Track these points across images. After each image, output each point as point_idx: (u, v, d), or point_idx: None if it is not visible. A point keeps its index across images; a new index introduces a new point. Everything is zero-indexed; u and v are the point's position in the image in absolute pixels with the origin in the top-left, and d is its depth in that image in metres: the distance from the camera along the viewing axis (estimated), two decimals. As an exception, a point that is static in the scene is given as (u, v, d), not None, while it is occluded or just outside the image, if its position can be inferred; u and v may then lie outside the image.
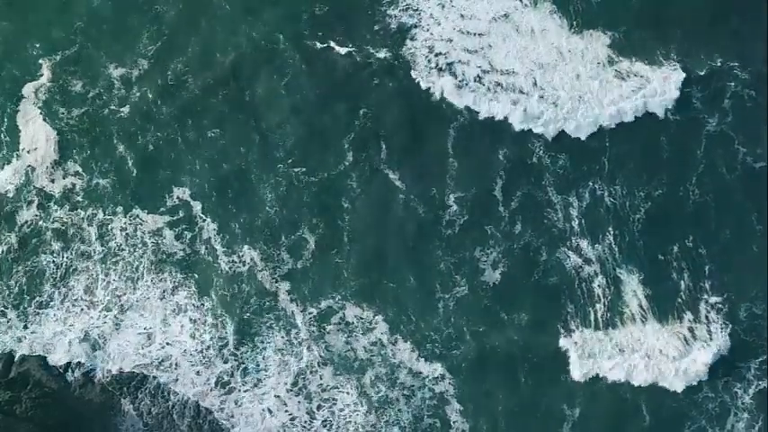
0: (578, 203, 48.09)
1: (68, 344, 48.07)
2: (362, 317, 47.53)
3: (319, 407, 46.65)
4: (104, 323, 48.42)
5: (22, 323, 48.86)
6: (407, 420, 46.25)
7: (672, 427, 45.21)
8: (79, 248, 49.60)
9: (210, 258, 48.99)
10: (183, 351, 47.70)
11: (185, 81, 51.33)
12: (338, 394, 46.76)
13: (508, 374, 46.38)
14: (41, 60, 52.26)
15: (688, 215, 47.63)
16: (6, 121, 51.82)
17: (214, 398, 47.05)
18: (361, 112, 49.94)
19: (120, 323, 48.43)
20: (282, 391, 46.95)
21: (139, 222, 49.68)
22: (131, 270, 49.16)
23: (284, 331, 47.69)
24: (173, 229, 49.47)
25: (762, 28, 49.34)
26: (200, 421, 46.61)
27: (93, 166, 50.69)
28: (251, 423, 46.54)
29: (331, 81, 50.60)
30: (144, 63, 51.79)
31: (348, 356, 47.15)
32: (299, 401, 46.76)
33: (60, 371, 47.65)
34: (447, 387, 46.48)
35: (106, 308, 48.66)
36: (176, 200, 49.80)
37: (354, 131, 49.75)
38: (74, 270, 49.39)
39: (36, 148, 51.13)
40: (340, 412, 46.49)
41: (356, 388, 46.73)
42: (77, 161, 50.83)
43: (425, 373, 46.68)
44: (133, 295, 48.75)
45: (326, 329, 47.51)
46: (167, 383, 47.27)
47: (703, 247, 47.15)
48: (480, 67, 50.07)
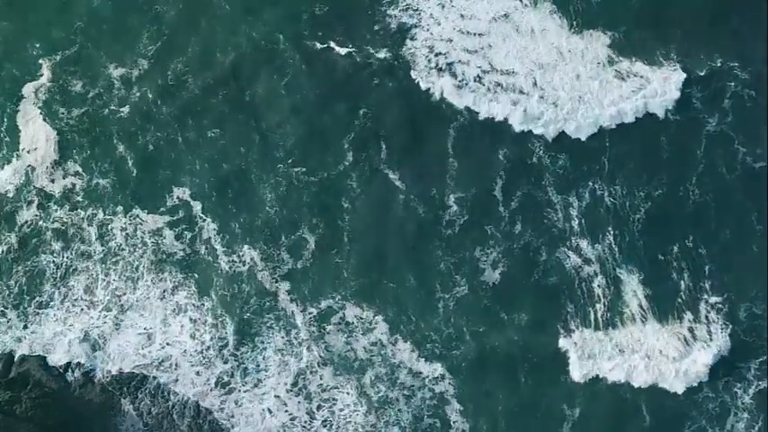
0: (578, 203, 48.08)
1: (68, 344, 48.05)
2: (362, 317, 47.51)
3: (319, 407, 46.64)
4: (104, 323, 48.41)
5: (22, 323, 48.85)
6: (407, 420, 46.23)
7: (672, 427, 45.18)
8: (79, 248, 49.58)
9: (210, 258, 48.98)
10: (183, 351, 47.68)
11: (185, 81, 51.32)
12: (338, 394, 46.75)
13: (508, 375, 46.36)
14: (41, 60, 52.25)
15: (688, 215, 47.62)
16: (6, 121, 51.81)
17: (214, 398, 47.03)
18: (361, 112, 49.93)
19: (120, 323, 48.41)
20: (282, 391, 46.93)
21: (139, 222, 49.66)
22: (131, 270, 49.15)
23: (284, 331, 47.68)
24: (173, 228, 49.45)
25: (762, 28, 49.34)
26: (200, 421, 46.59)
27: (93, 166, 50.68)
28: (251, 423, 46.53)
29: (331, 81, 50.58)
30: (144, 63, 51.78)
31: (348, 356, 47.14)
32: (299, 401, 46.74)
33: (60, 371, 47.63)
34: (447, 387, 46.47)
35: (106, 308, 48.64)
36: (176, 200, 49.79)
37: (354, 131, 49.73)
38: (74, 270, 49.37)
39: (36, 148, 51.12)
40: (340, 412, 46.48)
41: (356, 388, 46.71)
42: (77, 161, 50.82)
43: (425, 373, 46.66)
44: (133, 295, 48.73)
45: (326, 329, 47.50)
46: (167, 383, 47.25)
47: (703, 247, 47.14)
48: (480, 67, 50.05)
